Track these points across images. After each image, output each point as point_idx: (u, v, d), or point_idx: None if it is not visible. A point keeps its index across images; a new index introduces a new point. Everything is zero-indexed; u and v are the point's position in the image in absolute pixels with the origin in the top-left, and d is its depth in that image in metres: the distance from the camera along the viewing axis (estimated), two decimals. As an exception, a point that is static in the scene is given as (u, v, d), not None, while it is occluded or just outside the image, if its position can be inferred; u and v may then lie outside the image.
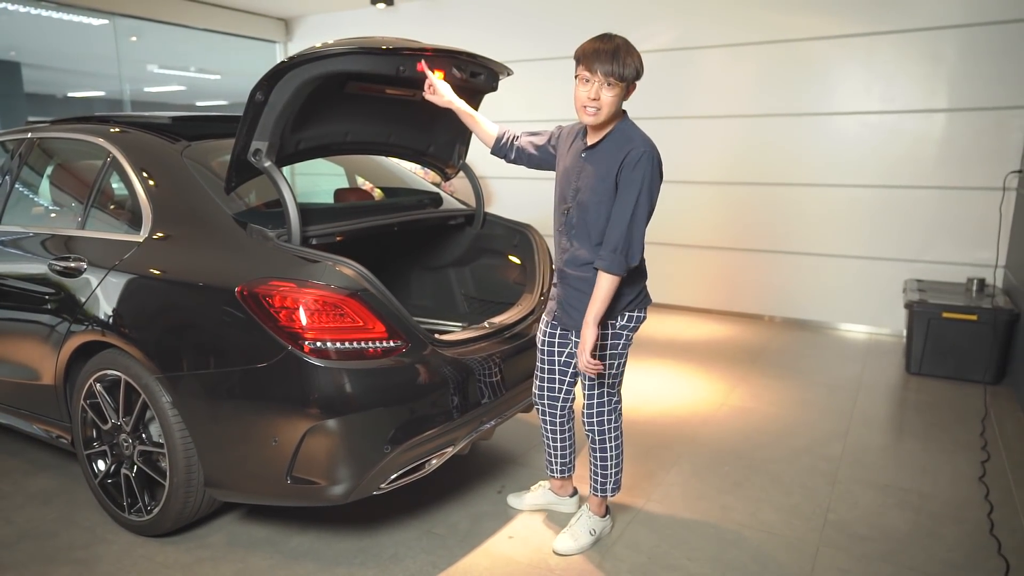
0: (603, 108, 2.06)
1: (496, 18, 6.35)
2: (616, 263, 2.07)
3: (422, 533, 2.48)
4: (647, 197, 2.07)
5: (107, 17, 6.62)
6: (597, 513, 2.46)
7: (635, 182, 2.05)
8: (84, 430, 2.54)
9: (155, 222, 2.40)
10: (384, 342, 2.12)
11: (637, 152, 2.05)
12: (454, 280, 3.35)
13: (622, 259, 2.07)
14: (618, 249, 2.07)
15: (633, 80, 2.06)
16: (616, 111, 2.10)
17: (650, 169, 2.06)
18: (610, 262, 2.07)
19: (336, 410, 2.04)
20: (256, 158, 2.22)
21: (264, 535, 2.46)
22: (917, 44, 4.73)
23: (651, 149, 2.08)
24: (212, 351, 2.18)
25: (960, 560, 2.34)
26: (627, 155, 2.06)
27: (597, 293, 2.10)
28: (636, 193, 2.05)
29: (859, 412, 3.65)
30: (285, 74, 2.13)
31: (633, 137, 2.11)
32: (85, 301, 2.45)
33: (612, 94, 2.04)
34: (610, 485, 2.44)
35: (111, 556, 2.34)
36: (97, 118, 2.86)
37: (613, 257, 2.07)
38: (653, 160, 2.07)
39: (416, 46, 2.29)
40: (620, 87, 2.04)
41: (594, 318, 2.10)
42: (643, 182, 2.05)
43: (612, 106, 2.06)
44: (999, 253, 4.59)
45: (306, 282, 2.08)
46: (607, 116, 2.09)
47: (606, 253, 2.08)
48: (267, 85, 2.14)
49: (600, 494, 2.45)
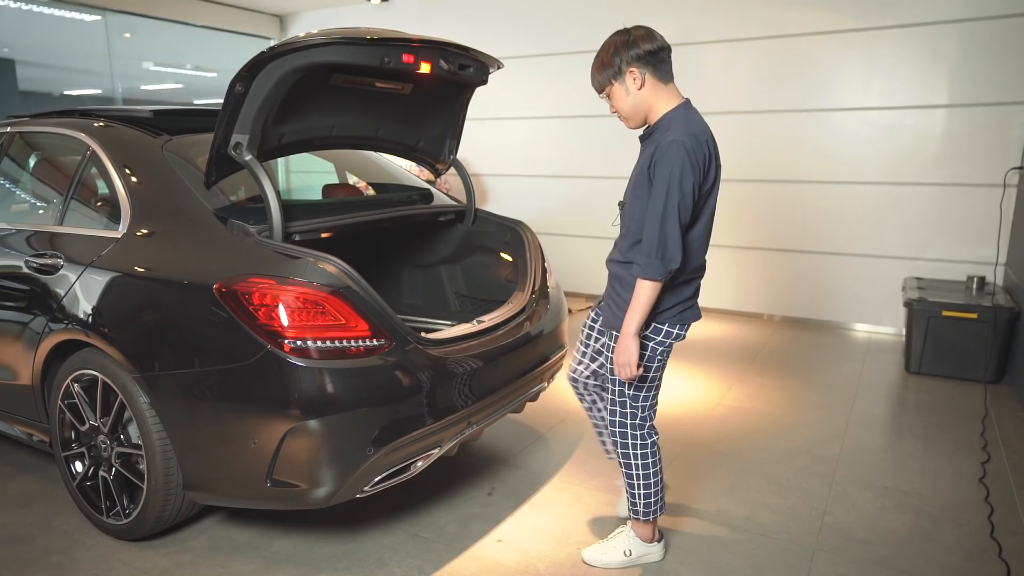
0: (624, 113, 2.03)
1: (492, 14, 6.29)
2: (652, 267, 1.90)
3: (408, 536, 2.42)
4: (677, 191, 1.87)
5: (99, 13, 6.57)
6: (641, 536, 2.25)
7: (663, 176, 1.88)
8: (62, 431, 2.48)
9: (134, 218, 2.34)
10: (367, 341, 2.06)
11: (666, 142, 1.88)
12: (445, 278, 3.29)
13: (658, 263, 1.89)
14: (652, 252, 1.89)
15: (613, 77, 1.98)
16: (643, 102, 1.99)
17: (679, 159, 1.86)
18: (645, 266, 1.91)
19: (317, 411, 1.98)
20: (236, 151, 2.16)
21: (246, 539, 2.40)
22: (917, 39, 4.67)
23: (684, 138, 1.88)
24: (190, 350, 2.12)
25: (960, 564, 2.28)
26: (658, 147, 1.90)
27: (635, 301, 1.94)
28: (665, 187, 1.88)
29: (857, 412, 3.59)
30: (266, 65, 2.07)
31: (671, 126, 1.94)
32: (62, 299, 2.39)
33: (613, 100, 2.02)
34: (640, 507, 2.20)
35: (88, 561, 2.28)
36: (79, 112, 2.80)
37: (648, 261, 1.90)
38: (684, 149, 1.86)
39: (402, 36, 2.23)
40: (613, 88, 2.00)
41: (634, 328, 1.95)
42: (671, 175, 1.87)
43: (624, 107, 2.01)
44: (999, 250, 4.53)
45: (287, 279, 2.03)
46: (639, 119, 2.03)
47: (641, 257, 1.92)
48: (247, 76, 2.07)
49: (631, 516, 2.25)
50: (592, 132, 6.01)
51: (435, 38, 2.34)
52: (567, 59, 5.96)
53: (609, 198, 6.02)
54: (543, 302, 2.81)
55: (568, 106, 6.09)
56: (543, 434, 3.30)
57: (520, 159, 6.44)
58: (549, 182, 6.33)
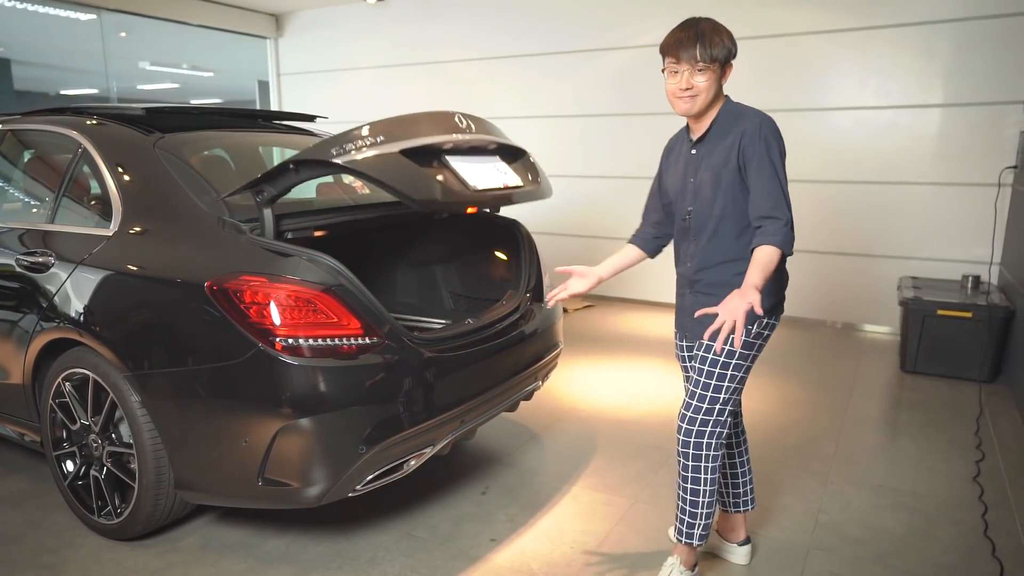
0: (700, 95, 1.88)
1: (488, 14, 6.28)
2: (788, 237, 1.81)
3: (401, 536, 2.41)
4: (783, 167, 1.87)
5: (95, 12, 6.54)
6: (686, 565, 2.07)
7: (770, 149, 1.85)
8: (53, 430, 2.46)
9: (125, 215, 2.33)
10: (359, 339, 2.05)
11: (754, 124, 1.87)
12: (440, 277, 3.29)
13: (788, 232, 1.81)
14: (782, 219, 1.81)
15: (726, 60, 1.89)
16: (716, 96, 1.92)
17: (778, 136, 1.88)
18: (783, 235, 1.80)
19: (309, 409, 1.97)
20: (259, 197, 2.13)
21: (238, 538, 2.39)
22: (912, 39, 4.67)
23: (767, 117, 1.89)
24: (181, 348, 2.11)
25: (954, 562, 2.28)
26: (744, 131, 1.87)
27: (762, 263, 1.78)
28: (773, 160, 1.85)
29: (852, 411, 3.59)
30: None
31: (743, 112, 1.93)
32: (53, 297, 2.37)
33: (705, 79, 1.87)
34: (698, 530, 2.02)
35: (79, 561, 2.26)
36: (71, 110, 2.79)
37: (785, 231, 1.80)
38: (774, 126, 1.89)
39: (460, 198, 2.19)
40: (712, 70, 1.87)
41: (760, 281, 1.76)
42: (774, 149, 1.86)
43: (709, 91, 1.89)
44: (994, 250, 4.54)
45: (279, 277, 2.02)
46: (705, 103, 1.90)
47: (770, 227, 1.81)
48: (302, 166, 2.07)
49: (686, 540, 2.04)
50: (591, 132, 6.01)
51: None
52: (566, 58, 5.96)
53: (607, 197, 6.04)
54: (537, 301, 2.80)
55: (567, 106, 6.09)
56: (537, 433, 3.29)
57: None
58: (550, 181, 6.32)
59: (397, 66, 6.89)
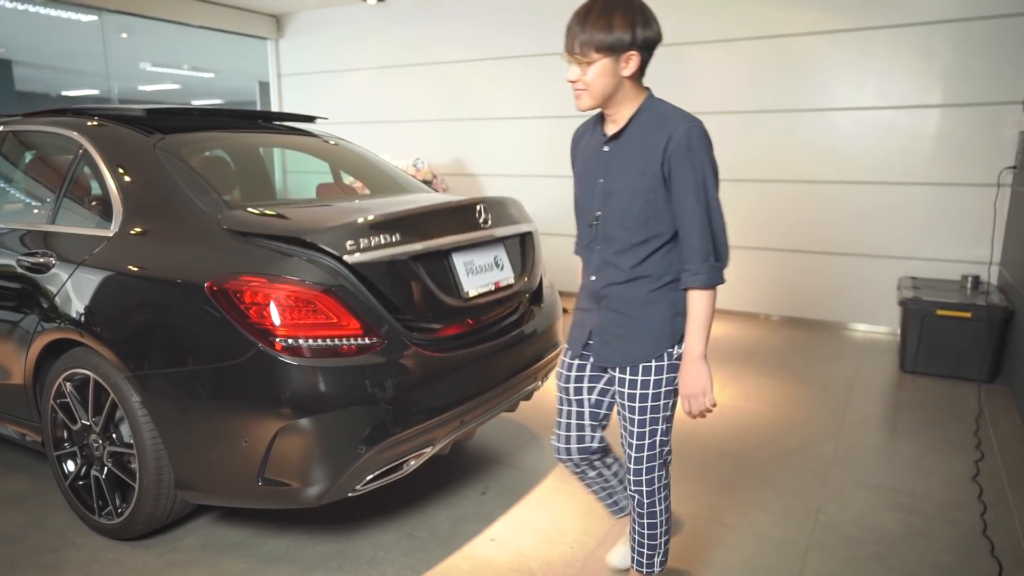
0: (593, 92, 1.65)
1: (487, 14, 6.28)
2: (714, 271, 1.67)
3: (401, 535, 2.42)
4: (714, 180, 1.67)
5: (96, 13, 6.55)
6: None
7: (696, 167, 1.63)
8: (54, 430, 2.47)
9: (126, 216, 2.34)
10: (359, 339, 2.05)
11: (682, 131, 1.63)
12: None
13: (716, 267, 1.68)
14: (708, 255, 1.67)
15: (624, 48, 1.59)
16: (618, 90, 1.66)
17: (707, 143, 1.66)
18: (707, 274, 1.67)
19: (308, 409, 1.98)
20: None
21: (239, 538, 2.40)
22: (911, 39, 4.68)
23: (696, 122, 1.66)
24: (181, 349, 2.11)
25: (953, 562, 2.28)
26: (670, 139, 1.63)
27: (695, 316, 1.69)
28: (702, 180, 1.64)
29: (852, 411, 3.59)
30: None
31: (669, 115, 1.68)
32: (54, 298, 2.38)
33: (594, 70, 1.61)
34: (658, 558, 1.95)
35: (79, 560, 2.27)
36: (72, 111, 2.80)
37: (705, 267, 1.67)
38: (704, 134, 1.66)
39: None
40: (603, 59, 1.60)
41: (703, 348, 1.70)
42: (705, 164, 1.64)
43: (600, 86, 1.63)
44: (994, 250, 4.54)
45: (278, 277, 2.02)
46: (597, 100, 1.66)
47: (695, 265, 1.67)
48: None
49: (646, 570, 1.95)
50: (588, 132, 6.01)
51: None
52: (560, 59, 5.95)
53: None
54: (537, 301, 2.81)
55: (567, 106, 6.07)
56: (537, 433, 3.30)
57: (517, 158, 6.43)
58: (546, 181, 6.32)
59: (397, 67, 6.90)
